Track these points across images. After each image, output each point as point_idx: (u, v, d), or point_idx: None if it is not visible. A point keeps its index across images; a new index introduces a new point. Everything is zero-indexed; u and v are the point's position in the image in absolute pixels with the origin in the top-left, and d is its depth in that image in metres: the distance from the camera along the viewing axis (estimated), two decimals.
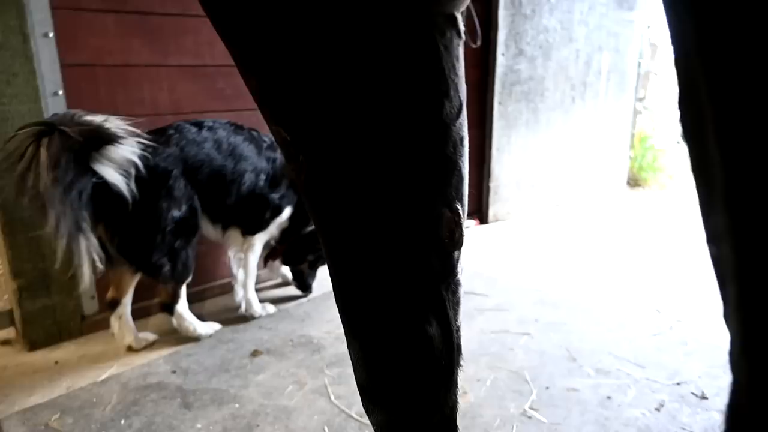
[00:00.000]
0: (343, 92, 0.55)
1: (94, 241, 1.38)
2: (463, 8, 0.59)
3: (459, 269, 0.68)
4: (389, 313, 0.64)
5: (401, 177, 0.59)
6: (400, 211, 0.60)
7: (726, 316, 0.43)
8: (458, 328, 0.70)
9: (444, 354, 0.66)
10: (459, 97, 0.60)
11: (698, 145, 0.41)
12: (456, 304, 0.68)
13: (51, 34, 1.53)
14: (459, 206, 0.63)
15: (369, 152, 0.57)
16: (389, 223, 0.60)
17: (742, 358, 0.40)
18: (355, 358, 0.70)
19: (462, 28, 0.59)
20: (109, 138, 1.35)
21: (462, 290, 0.70)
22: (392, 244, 0.61)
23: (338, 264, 0.66)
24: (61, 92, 1.57)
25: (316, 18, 0.52)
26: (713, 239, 0.42)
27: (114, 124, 1.38)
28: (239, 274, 1.90)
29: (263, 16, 0.54)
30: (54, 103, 1.56)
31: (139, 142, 1.43)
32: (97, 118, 1.36)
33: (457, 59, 0.59)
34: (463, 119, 0.62)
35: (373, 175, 0.58)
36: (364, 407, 0.73)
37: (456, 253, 0.66)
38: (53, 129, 1.28)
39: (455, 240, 0.64)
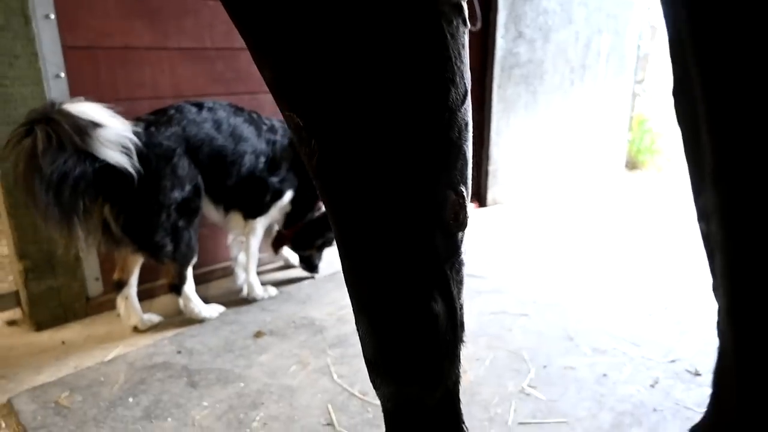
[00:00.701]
0: (354, 79, 0.57)
1: (82, 229, 1.42)
2: None
3: (462, 249, 0.71)
4: (397, 291, 0.67)
5: (408, 161, 0.61)
6: (407, 193, 0.62)
7: (714, 288, 0.46)
8: (461, 305, 0.72)
9: (448, 330, 0.70)
10: (464, 83, 0.62)
11: (690, 131, 0.44)
12: (459, 282, 0.71)
13: (52, 16, 1.53)
14: (463, 189, 0.66)
15: (378, 137, 0.60)
16: (397, 205, 0.63)
17: (727, 325, 0.44)
18: (363, 334, 0.73)
19: (467, 15, 0.61)
20: (92, 123, 1.36)
21: (465, 270, 0.73)
22: (399, 225, 0.64)
23: (347, 243, 0.69)
24: (62, 74, 1.58)
25: (328, 7, 0.54)
26: (703, 217, 0.45)
27: (94, 108, 1.39)
28: (241, 257, 1.93)
29: (278, 4, 0.55)
30: (56, 85, 1.57)
31: (130, 121, 1.45)
32: (75, 106, 1.36)
33: (463, 46, 0.61)
34: (468, 105, 0.64)
35: (381, 159, 0.60)
36: (371, 381, 0.76)
37: (460, 234, 0.69)
38: (32, 129, 1.29)
39: (460, 221, 0.66)
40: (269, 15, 0.56)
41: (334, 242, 2.10)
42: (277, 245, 2.09)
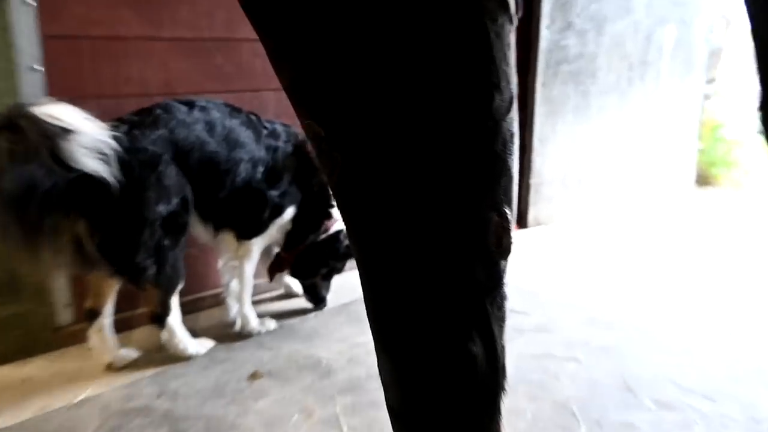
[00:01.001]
0: (384, 82, 0.59)
1: (50, 249, 1.44)
2: None
3: (505, 281, 0.71)
4: (428, 328, 0.67)
5: (446, 177, 0.62)
6: (444, 214, 0.63)
7: None
8: (503, 347, 0.73)
9: (488, 375, 0.70)
10: (510, 89, 0.64)
11: None
12: (501, 320, 0.72)
13: (31, 1, 1.58)
14: (507, 210, 0.67)
15: (412, 149, 0.61)
16: (431, 228, 0.64)
17: None
18: (386, 377, 0.74)
19: (514, 12, 0.63)
20: (63, 129, 1.38)
21: (507, 305, 0.73)
22: (434, 251, 0.65)
23: (371, 271, 0.70)
24: (38, 67, 1.62)
25: (359, 3, 0.56)
26: None
27: (67, 111, 1.41)
28: (233, 285, 1.93)
29: (303, 4, 0.58)
30: (30, 79, 1.61)
31: (110, 123, 1.49)
32: (45, 109, 1.37)
33: (509, 47, 0.63)
34: (514, 113, 0.65)
35: (415, 175, 0.62)
36: None
37: (503, 262, 0.69)
38: None
39: (503, 248, 0.67)
40: (291, 10, 0.58)
41: (343, 271, 2.10)
42: (273, 271, 2.07)
